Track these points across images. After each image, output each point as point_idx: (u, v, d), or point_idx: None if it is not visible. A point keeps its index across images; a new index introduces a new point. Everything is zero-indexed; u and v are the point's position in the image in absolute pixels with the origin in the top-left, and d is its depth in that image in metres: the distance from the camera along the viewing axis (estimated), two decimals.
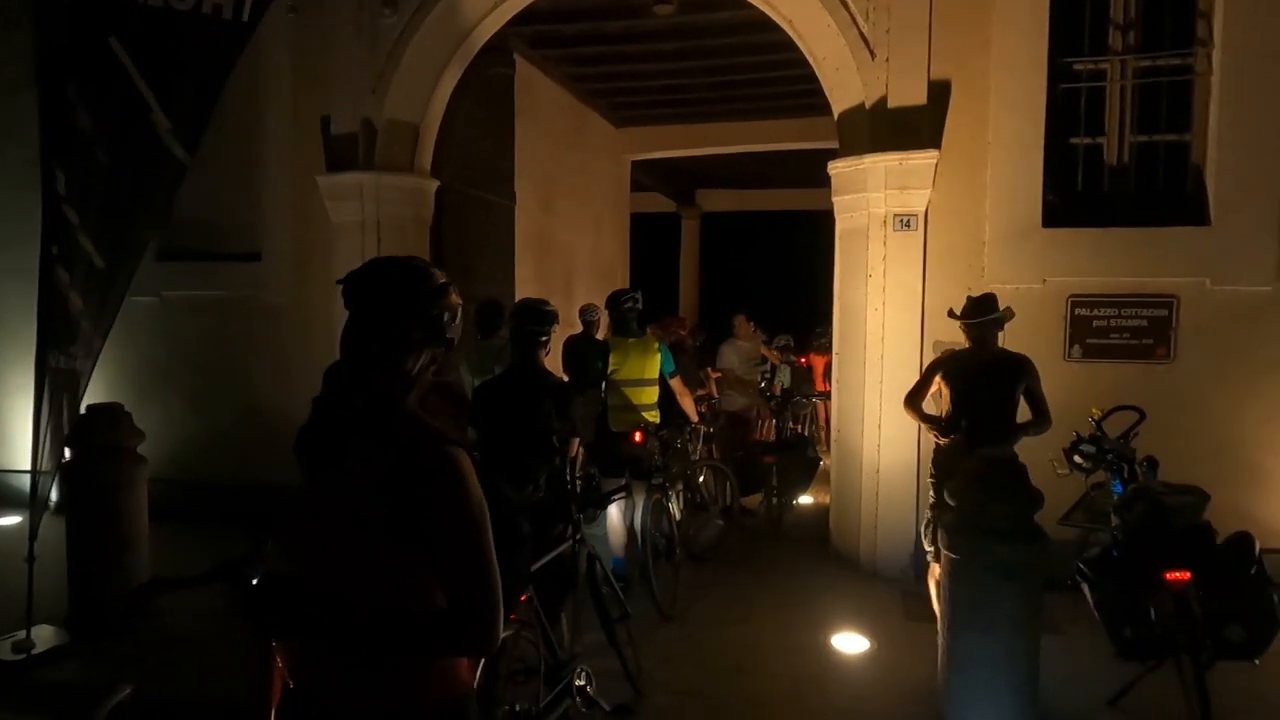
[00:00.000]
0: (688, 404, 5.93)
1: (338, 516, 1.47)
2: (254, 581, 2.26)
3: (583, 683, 3.37)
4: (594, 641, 3.78)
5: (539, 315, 4.13)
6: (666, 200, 16.34)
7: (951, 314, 4.52)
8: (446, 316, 1.55)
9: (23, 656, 4.16)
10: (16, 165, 6.80)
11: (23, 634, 4.26)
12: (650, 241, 15.35)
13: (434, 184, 6.66)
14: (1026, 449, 4.05)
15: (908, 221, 5.47)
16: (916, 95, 5.35)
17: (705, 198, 16.95)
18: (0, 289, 7.01)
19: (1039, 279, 5.35)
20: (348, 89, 6.31)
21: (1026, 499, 3.47)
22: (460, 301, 1.60)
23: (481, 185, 7.46)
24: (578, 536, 3.62)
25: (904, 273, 5.48)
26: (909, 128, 5.35)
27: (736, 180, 15.79)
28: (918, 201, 5.42)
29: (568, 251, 10.14)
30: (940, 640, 3.67)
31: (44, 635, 4.34)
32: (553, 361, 4.62)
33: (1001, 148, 5.37)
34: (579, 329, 5.92)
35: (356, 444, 1.50)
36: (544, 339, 4.13)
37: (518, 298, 6.31)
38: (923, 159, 5.34)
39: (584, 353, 5.59)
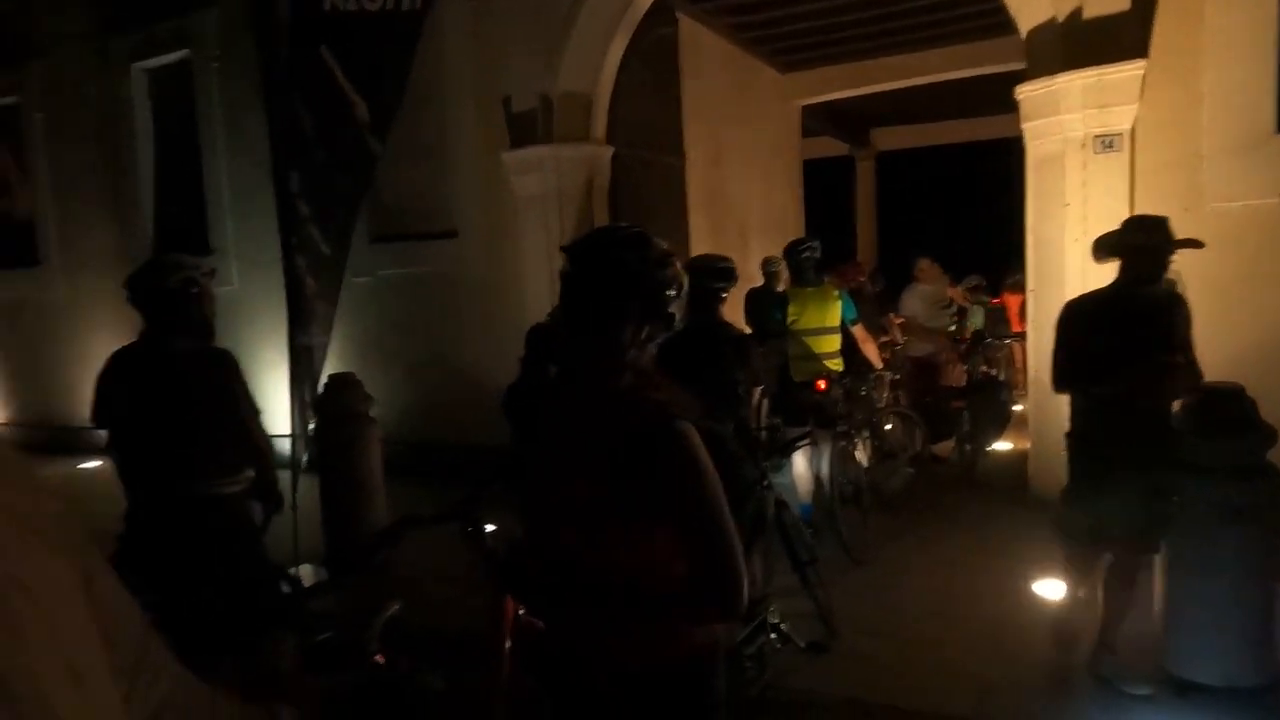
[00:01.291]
0: (870, 350, 5.85)
1: (572, 488, 1.51)
2: (484, 527, 2.57)
3: (776, 620, 3.52)
4: (785, 584, 3.91)
5: (716, 272, 4.24)
6: (838, 143, 15.80)
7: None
8: (668, 289, 1.51)
9: (290, 590, 4.93)
10: (248, 171, 7.78)
11: (292, 570, 5.03)
12: (824, 188, 14.95)
13: (609, 150, 6.90)
14: (1263, 377, 3.66)
15: (1110, 142, 5.05)
16: (1118, 0, 4.89)
17: (879, 137, 16.21)
18: (245, 278, 8.07)
19: (1273, 192, 4.78)
20: (525, 66, 6.65)
21: (1257, 434, 3.20)
22: (683, 274, 1.56)
23: (652, 147, 7.62)
24: (765, 483, 3.75)
25: (1107, 199, 5.07)
26: (1109, 38, 4.90)
27: (911, 115, 14.96)
28: (1121, 119, 4.98)
29: (740, 205, 10.13)
30: (1156, 587, 3.48)
31: (306, 573, 5.11)
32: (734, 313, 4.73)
33: (1222, 48, 4.81)
34: (759, 282, 5.97)
35: (579, 416, 1.55)
36: (723, 294, 4.24)
37: (692, 255, 6.45)
38: (1127, 71, 4.88)
39: (764, 304, 5.66)
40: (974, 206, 16.79)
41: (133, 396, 3.06)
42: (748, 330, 5.37)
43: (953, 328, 8.17)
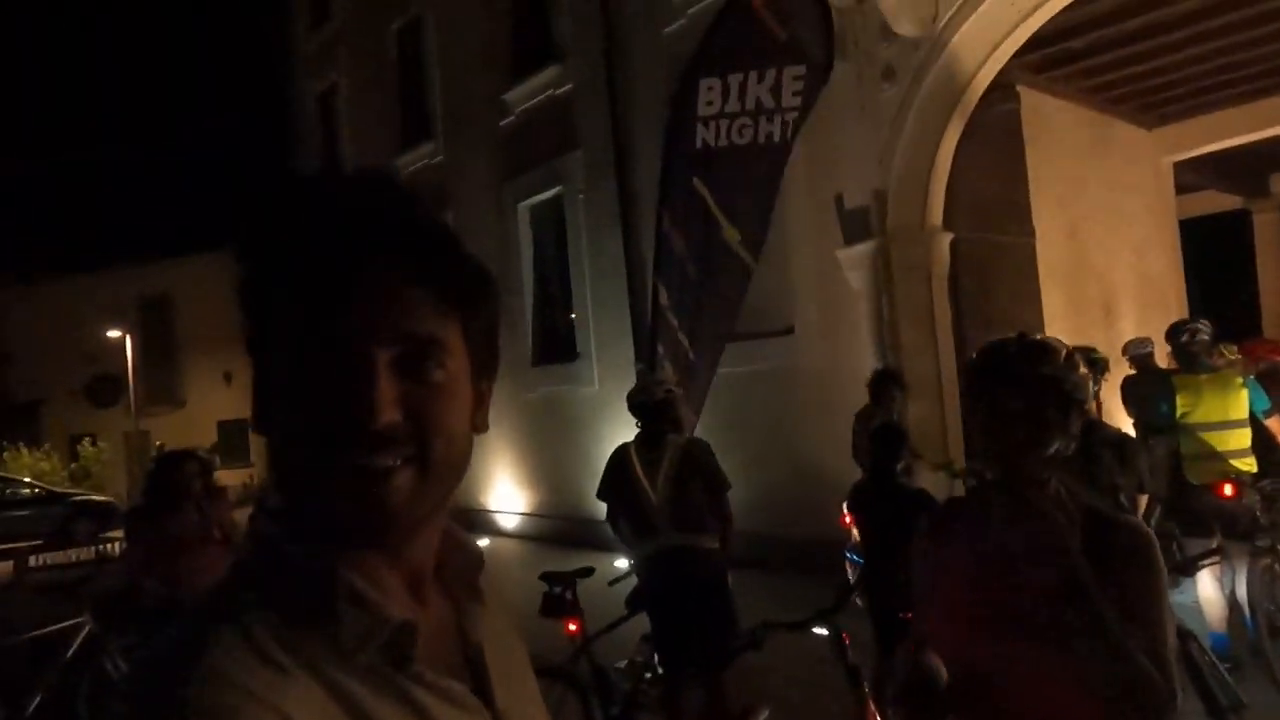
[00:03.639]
0: None
1: (1021, 601, 1.49)
2: (844, 638, 2.54)
3: None
4: None
5: (1086, 364, 3.85)
6: (1227, 197, 13.58)
7: None
8: (1076, 391, 1.50)
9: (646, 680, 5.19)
10: (607, 287, 8.79)
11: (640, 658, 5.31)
12: (1209, 248, 12.88)
13: (947, 237, 6.69)
14: None
15: None
16: None
17: None
18: (604, 380, 9.01)
19: None
20: (855, 164, 6.76)
21: None
22: (1087, 372, 1.57)
23: (995, 227, 7.23)
24: None
25: None
26: None
27: None
28: None
29: (1102, 277, 9.11)
30: None
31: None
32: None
33: None
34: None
35: (1010, 527, 1.53)
36: (1095, 388, 3.83)
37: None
38: None
39: (1143, 394, 4.97)
40: None
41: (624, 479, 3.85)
42: (1129, 425, 4.73)
43: None
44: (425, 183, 11.93)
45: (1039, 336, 1.59)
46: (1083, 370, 1.53)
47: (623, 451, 3.97)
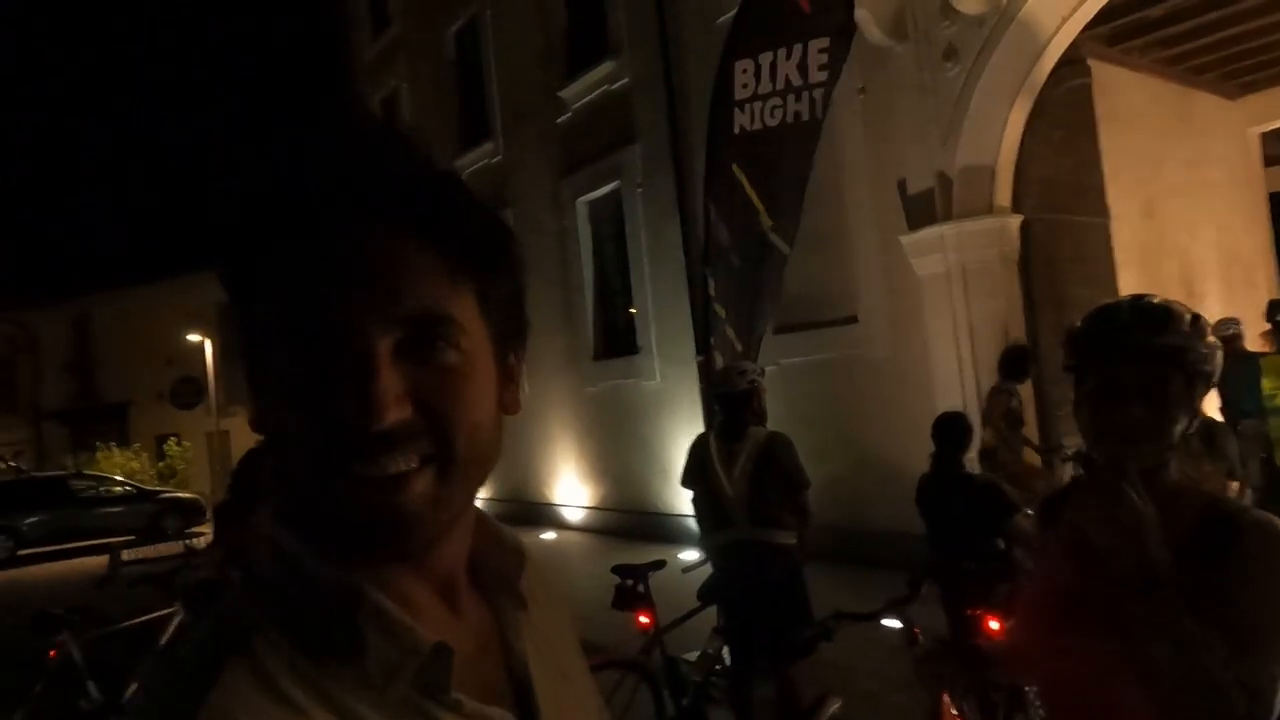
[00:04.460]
0: None
1: (1114, 599, 1.36)
2: (916, 629, 2.50)
3: None
4: None
5: None
6: None
7: None
8: (1204, 363, 1.30)
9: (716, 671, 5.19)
10: (667, 279, 8.79)
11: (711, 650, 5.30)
12: None
13: (1016, 220, 6.48)
14: None
15: None
16: None
17: None
18: (664, 373, 9.02)
19: None
20: (919, 147, 6.60)
21: None
22: (1215, 341, 1.34)
23: (1067, 208, 6.98)
24: None
25: None
26: None
27: None
28: None
29: (1183, 256, 8.72)
30: None
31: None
32: None
33: None
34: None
35: (1095, 511, 1.37)
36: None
37: None
38: None
39: (1232, 377, 4.75)
40: None
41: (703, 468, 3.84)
42: (1214, 412, 4.53)
43: None
44: (486, 182, 12.13)
45: (1157, 299, 1.35)
46: (1210, 339, 1.31)
47: (703, 440, 3.96)
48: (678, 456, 7.87)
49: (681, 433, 8.08)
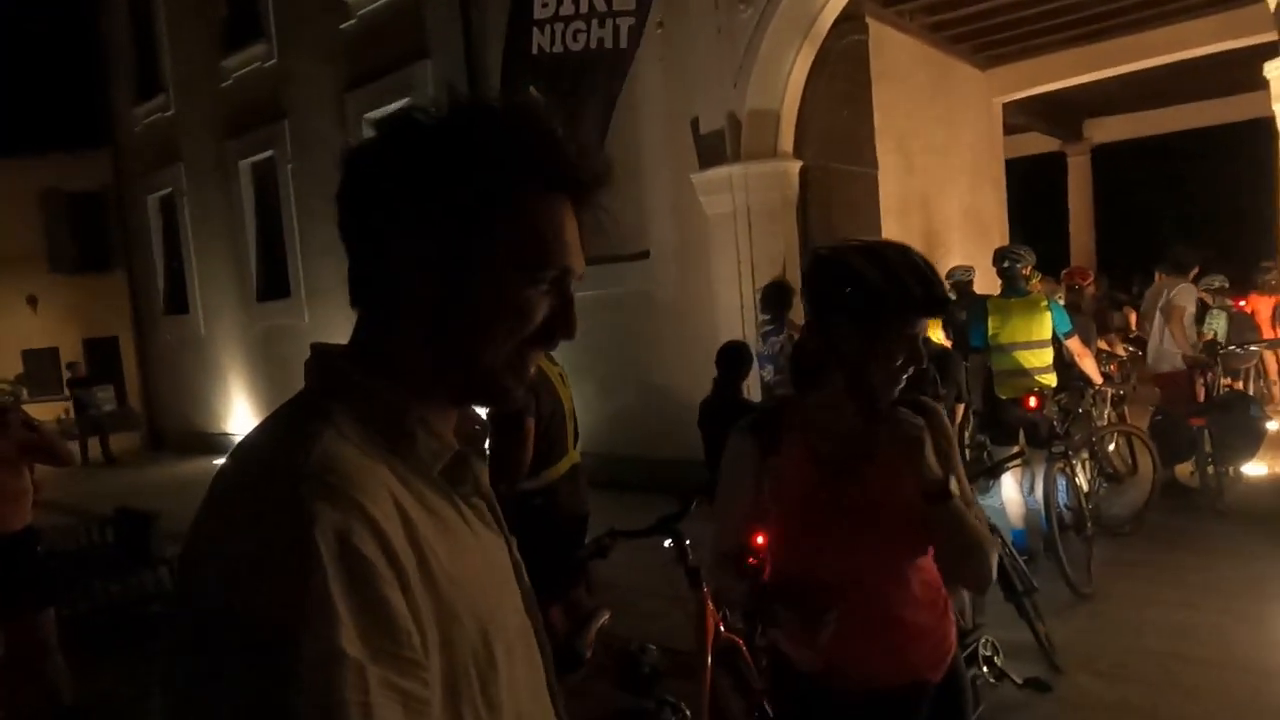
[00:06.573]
0: (1088, 365, 5.40)
1: (853, 493, 1.54)
2: (687, 542, 2.63)
3: (989, 653, 3.32)
4: (998, 614, 3.68)
5: None
6: (1047, 139, 14.70)
7: None
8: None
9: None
10: None
11: None
12: (1030, 188, 13.95)
13: (797, 165, 6.86)
14: None
15: None
16: None
17: (1094, 128, 14.90)
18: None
19: None
20: (712, 88, 6.76)
21: None
22: (946, 287, 1.53)
23: (842, 157, 7.47)
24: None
25: None
26: None
27: (1131, 103, 13.63)
28: None
29: (935, 211, 9.68)
30: None
31: None
32: None
33: None
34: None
35: (840, 428, 1.57)
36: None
37: None
38: None
39: (961, 316, 5.37)
40: (1208, 199, 15.02)
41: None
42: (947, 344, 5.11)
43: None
44: (258, 88, 10.96)
45: (878, 241, 1.56)
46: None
47: None
48: None
49: None
